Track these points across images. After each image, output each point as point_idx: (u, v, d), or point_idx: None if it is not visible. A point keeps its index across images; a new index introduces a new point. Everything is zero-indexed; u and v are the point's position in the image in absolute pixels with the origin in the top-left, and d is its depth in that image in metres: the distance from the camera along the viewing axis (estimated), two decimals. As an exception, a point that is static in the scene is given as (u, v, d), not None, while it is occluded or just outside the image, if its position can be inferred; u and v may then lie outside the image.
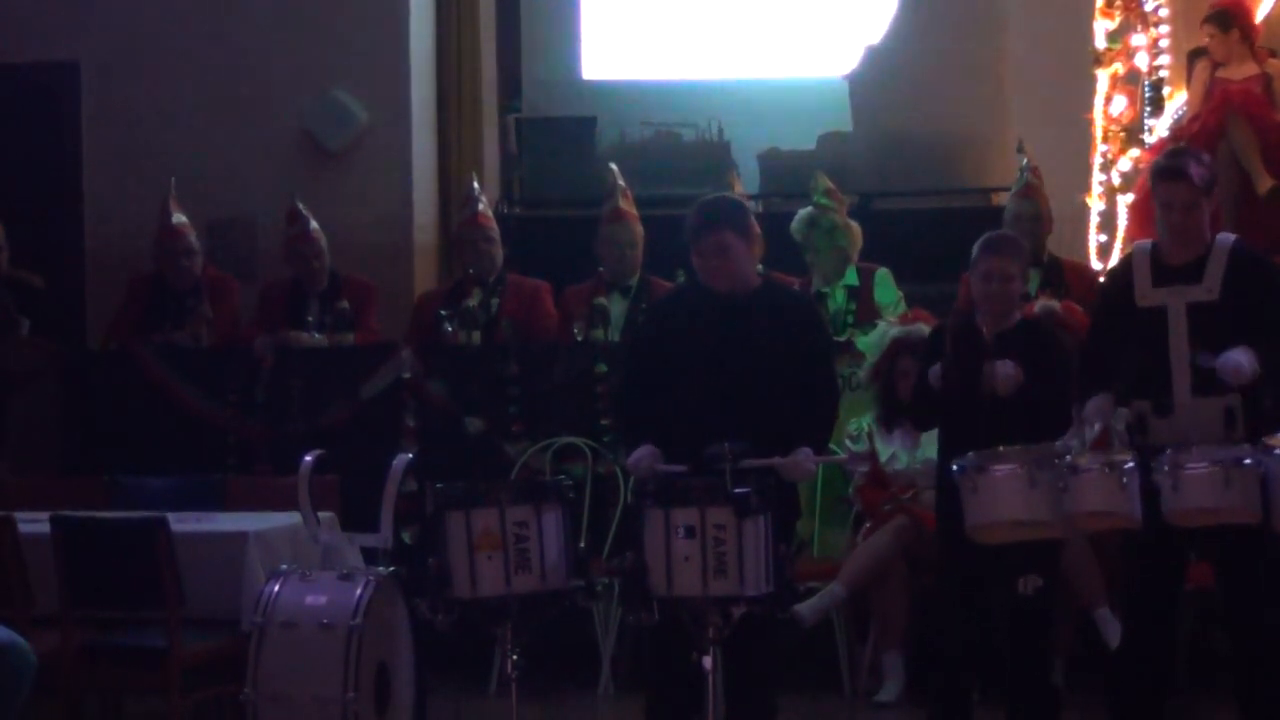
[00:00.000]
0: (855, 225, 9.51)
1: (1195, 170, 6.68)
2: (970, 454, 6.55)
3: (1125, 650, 6.87)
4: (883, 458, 8.60)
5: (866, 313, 9.22)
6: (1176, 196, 6.69)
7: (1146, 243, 6.90)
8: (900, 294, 9.37)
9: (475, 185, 10.10)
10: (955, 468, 6.58)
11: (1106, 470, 6.38)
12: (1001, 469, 6.50)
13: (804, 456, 6.51)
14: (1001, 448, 6.56)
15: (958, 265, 9.30)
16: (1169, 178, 6.75)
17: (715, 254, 6.65)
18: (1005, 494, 6.49)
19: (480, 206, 9.92)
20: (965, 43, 12.24)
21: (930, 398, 6.99)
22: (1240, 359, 6.45)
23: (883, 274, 9.45)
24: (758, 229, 6.93)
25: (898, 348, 8.39)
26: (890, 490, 8.54)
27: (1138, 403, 6.68)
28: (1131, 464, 6.37)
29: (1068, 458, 6.48)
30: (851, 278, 9.43)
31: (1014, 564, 6.71)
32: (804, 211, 9.51)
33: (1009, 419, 6.71)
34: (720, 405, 6.50)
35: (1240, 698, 6.75)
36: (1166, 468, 6.35)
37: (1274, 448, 6.36)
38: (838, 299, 9.38)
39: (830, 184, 9.55)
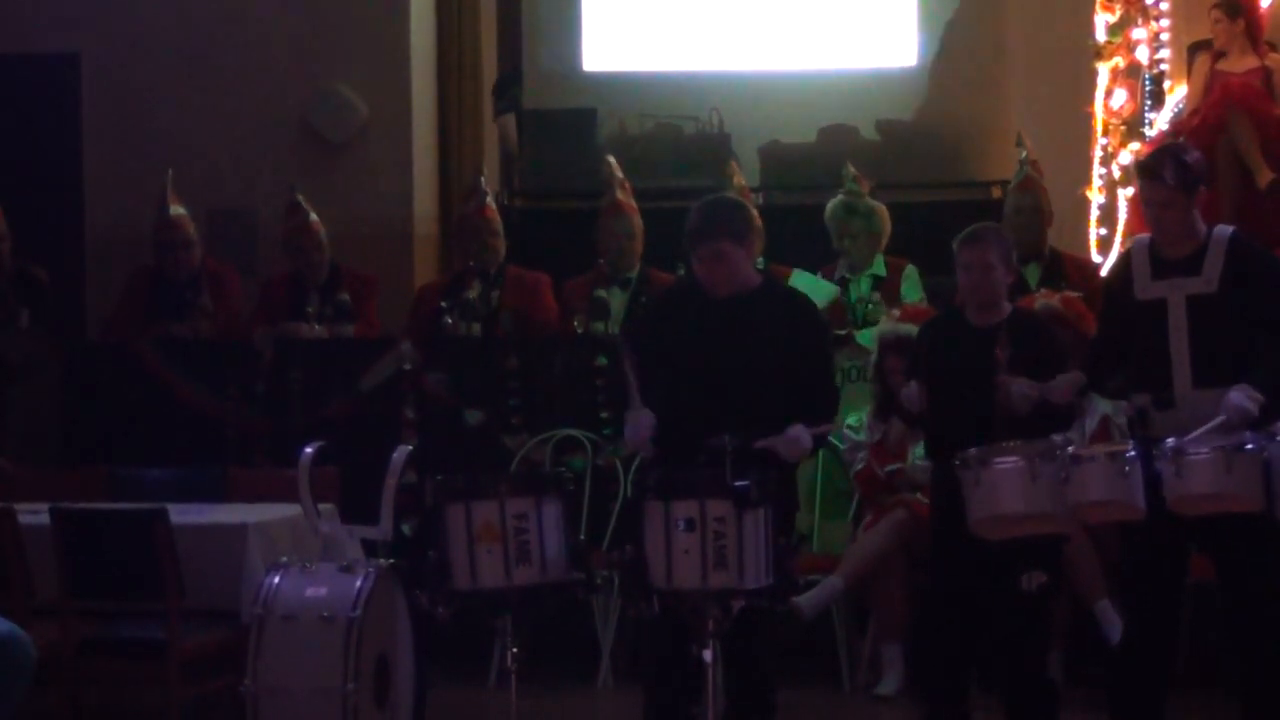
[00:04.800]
0: (884, 209, 9.57)
1: (1171, 170, 6.67)
2: (972, 449, 6.55)
3: (1126, 644, 6.87)
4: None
5: (890, 305, 9.24)
6: (1151, 194, 6.73)
7: (1145, 237, 6.91)
8: (923, 294, 9.39)
9: (482, 178, 10.12)
10: (958, 462, 6.58)
11: (1108, 460, 6.39)
12: (1004, 462, 6.50)
13: (799, 431, 6.48)
14: (1004, 443, 6.56)
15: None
16: (1144, 175, 6.83)
17: (712, 261, 6.63)
18: (1008, 488, 6.49)
19: (487, 199, 9.94)
20: (966, 37, 12.25)
21: (910, 417, 7.07)
22: (1241, 401, 6.43)
23: (911, 270, 9.50)
24: (759, 225, 6.92)
25: (884, 347, 8.43)
26: (891, 480, 8.56)
27: (1138, 396, 6.68)
28: (1133, 454, 6.37)
29: (1069, 449, 6.48)
30: (879, 267, 9.48)
31: (1017, 560, 6.71)
32: (838, 198, 9.56)
33: (1006, 415, 6.71)
34: (718, 402, 6.48)
35: (1241, 691, 6.74)
36: (1169, 454, 6.35)
37: (1276, 433, 6.36)
38: (862, 286, 9.42)
39: (856, 171, 9.61)
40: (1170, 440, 6.39)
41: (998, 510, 6.52)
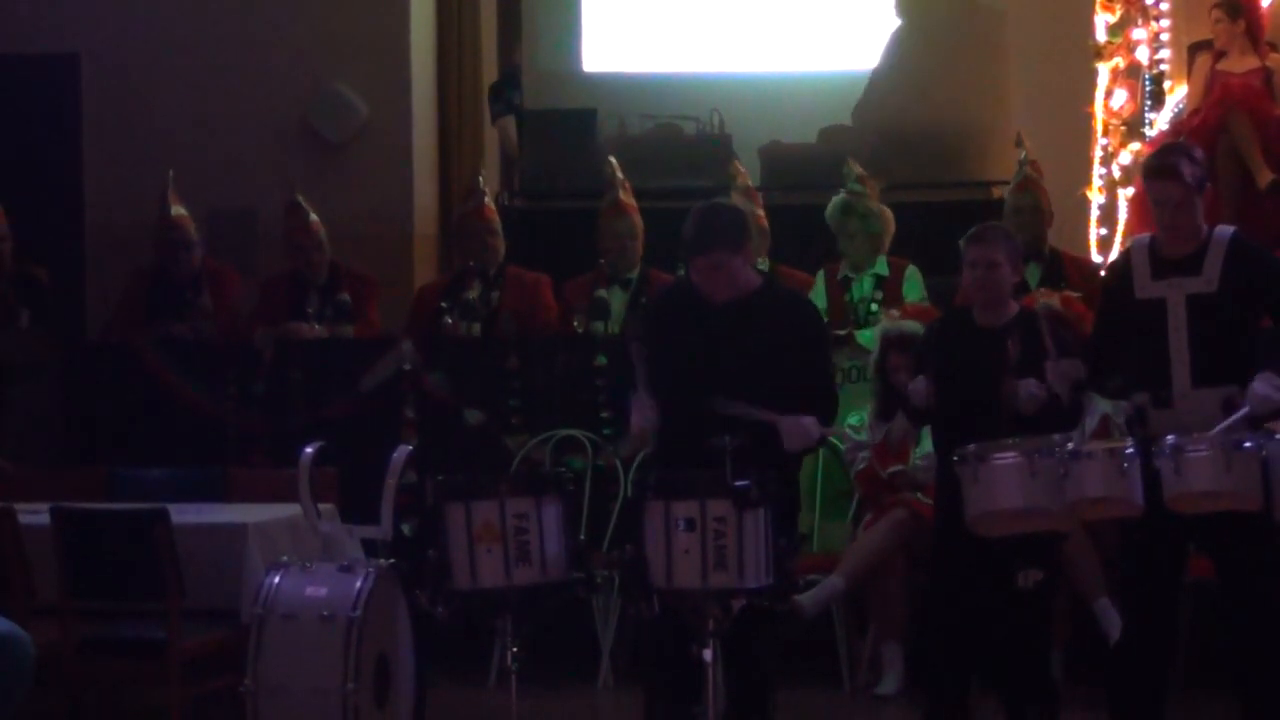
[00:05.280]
0: (888, 211, 9.55)
1: (1186, 168, 6.67)
2: (971, 444, 6.55)
3: (1125, 643, 6.87)
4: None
5: (892, 305, 9.23)
6: (1167, 194, 6.71)
7: (1145, 236, 6.91)
8: (925, 294, 9.38)
9: (480, 178, 10.12)
10: (956, 458, 6.58)
11: (1107, 457, 6.38)
12: (1002, 458, 6.50)
13: (810, 422, 6.48)
14: (1004, 439, 6.56)
15: (959, 259, 9.34)
16: (1160, 176, 6.77)
17: (708, 271, 6.63)
18: (1006, 483, 6.48)
19: (485, 199, 9.94)
20: (966, 37, 12.25)
21: (916, 412, 7.05)
22: (1266, 390, 6.43)
23: (913, 270, 9.48)
24: (761, 226, 6.90)
25: (886, 344, 8.42)
26: (892, 481, 8.55)
27: (1137, 395, 6.68)
28: (1132, 450, 6.37)
29: (1069, 446, 6.47)
30: (882, 267, 9.47)
31: (1014, 557, 6.72)
32: (838, 198, 9.54)
33: (1013, 415, 6.71)
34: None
35: (1240, 690, 6.74)
36: (1168, 452, 6.35)
37: (1275, 432, 6.36)
38: (864, 286, 9.41)
39: (860, 170, 9.58)
40: (1171, 438, 6.38)
41: (995, 506, 6.51)
